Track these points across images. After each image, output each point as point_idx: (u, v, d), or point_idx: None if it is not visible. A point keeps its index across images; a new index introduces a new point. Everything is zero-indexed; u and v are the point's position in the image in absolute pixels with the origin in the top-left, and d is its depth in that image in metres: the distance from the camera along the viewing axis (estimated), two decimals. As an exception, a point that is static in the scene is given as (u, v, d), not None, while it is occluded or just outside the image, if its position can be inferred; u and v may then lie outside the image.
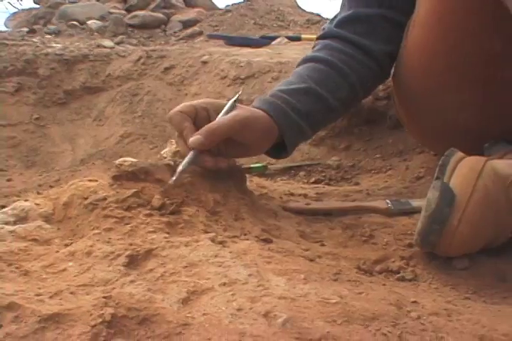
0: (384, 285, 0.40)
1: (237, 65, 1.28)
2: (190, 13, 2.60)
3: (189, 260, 0.38)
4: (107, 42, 1.86)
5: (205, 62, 1.37)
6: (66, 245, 0.44)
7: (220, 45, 1.63)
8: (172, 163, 0.55)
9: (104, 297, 0.32)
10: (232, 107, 0.57)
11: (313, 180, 0.91)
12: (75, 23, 2.42)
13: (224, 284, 0.35)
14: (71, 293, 0.34)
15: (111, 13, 2.56)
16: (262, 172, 0.94)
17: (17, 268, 0.39)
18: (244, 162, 0.96)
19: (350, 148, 1.02)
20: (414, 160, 0.92)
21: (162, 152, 0.64)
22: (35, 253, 0.43)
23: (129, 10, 2.72)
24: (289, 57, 1.30)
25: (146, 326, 0.30)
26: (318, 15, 2.85)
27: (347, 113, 0.88)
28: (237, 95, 0.59)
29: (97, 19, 2.50)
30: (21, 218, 0.50)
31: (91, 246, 0.40)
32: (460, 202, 0.41)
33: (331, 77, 0.66)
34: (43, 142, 1.40)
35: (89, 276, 0.36)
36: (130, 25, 2.45)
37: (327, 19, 2.72)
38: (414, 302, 0.36)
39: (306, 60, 0.71)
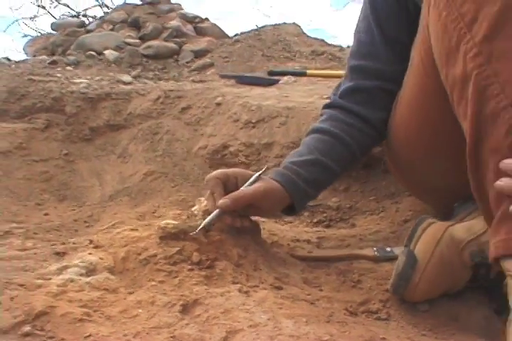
0: (363, 324, 0.57)
1: (249, 108, 1.46)
2: (201, 43, 2.80)
3: (224, 307, 0.55)
4: (126, 78, 2.05)
5: (218, 104, 1.55)
6: (130, 293, 0.62)
7: (232, 84, 1.81)
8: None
9: (171, 337, 0.49)
10: (257, 179, 0.74)
11: (316, 220, 1.08)
12: (92, 53, 2.62)
13: (250, 326, 0.52)
14: (147, 333, 0.51)
15: (126, 43, 2.77)
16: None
17: (101, 313, 0.56)
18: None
19: (348, 190, 1.19)
20: (403, 203, 1.09)
21: (193, 209, 0.81)
22: (108, 301, 0.60)
23: (142, 38, 2.92)
24: (295, 101, 1.48)
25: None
26: (323, 41, 3.04)
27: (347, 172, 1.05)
28: (262, 171, 0.77)
29: (113, 49, 2.70)
30: (91, 270, 0.68)
31: (153, 296, 0.58)
32: (420, 266, 0.58)
33: (335, 147, 0.83)
34: (73, 177, 1.59)
35: (156, 320, 0.53)
36: (145, 56, 2.65)
37: (331, 45, 2.92)
38: (383, 338, 0.53)
39: (314, 131, 0.87)
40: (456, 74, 0.53)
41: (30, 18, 5.35)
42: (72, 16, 4.48)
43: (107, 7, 4.87)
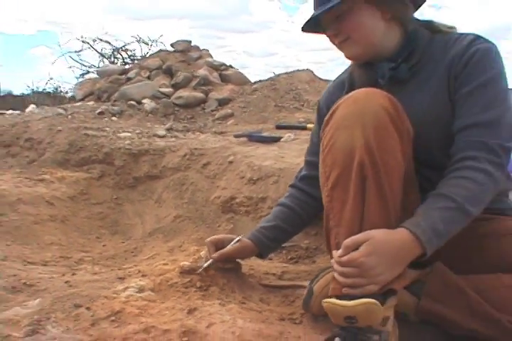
0: (284, 325, 1.13)
1: (252, 168, 2.05)
2: (225, 91, 3.42)
3: (209, 312, 1.13)
4: (160, 131, 2.69)
5: (231, 162, 2.14)
6: (162, 303, 1.20)
7: (244, 142, 2.40)
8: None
9: (181, 324, 1.07)
10: (238, 241, 1.32)
11: (289, 257, 1.65)
12: (132, 102, 3.29)
13: (221, 321, 1.10)
14: (169, 322, 1.10)
15: (161, 92, 3.42)
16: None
17: (147, 312, 1.15)
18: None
19: (317, 234, 1.75)
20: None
21: (201, 253, 1.39)
22: (150, 306, 1.18)
23: (174, 86, 3.58)
24: (288, 162, 2.05)
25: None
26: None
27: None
28: (238, 238, 1.34)
29: (150, 98, 3.36)
30: (141, 289, 1.27)
31: (174, 305, 1.16)
32: (315, 296, 1.14)
33: (290, 216, 1.38)
34: (121, 216, 2.22)
35: (174, 317, 1.12)
36: (176, 105, 3.30)
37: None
38: (289, 332, 1.09)
39: (279, 205, 1.43)
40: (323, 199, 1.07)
41: (76, 52, 6.20)
42: (112, 62, 5.25)
43: (144, 43, 5.62)
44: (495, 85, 1.01)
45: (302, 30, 1.20)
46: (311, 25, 1.16)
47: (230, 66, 3.90)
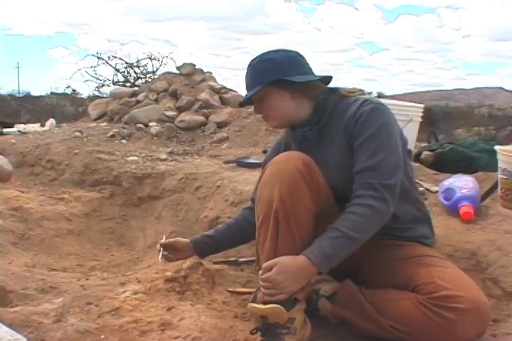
0: (236, 322, 1.61)
1: (235, 192, 2.52)
2: (223, 114, 3.90)
3: (182, 310, 1.62)
4: (163, 155, 3.19)
5: (218, 186, 2.62)
6: (150, 302, 1.69)
7: (233, 167, 2.88)
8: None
9: (161, 318, 1.57)
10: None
11: (257, 268, 2.12)
12: (140, 126, 3.80)
13: (190, 316, 1.58)
14: (154, 316, 1.59)
15: (166, 115, 3.93)
16: (235, 263, 2.16)
17: (139, 309, 1.64)
18: (226, 257, 2.18)
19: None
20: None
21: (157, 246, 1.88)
22: (143, 304, 1.67)
23: (179, 109, 4.08)
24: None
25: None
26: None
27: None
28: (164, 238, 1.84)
29: (156, 121, 3.86)
30: (135, 292, 1.76)
31: (158, 304, 1.66)
32: (258, 301, 1.61)
33: (228, 231, 1.84)
34: (127, 230, 2.72)
35: (158, 312, 1.61)
36: (179, 127, 3.79)
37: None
38: (237, 326, 1.57)
39: (226, 222, 1.91)
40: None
41: (92, 67, 6.79)
42: (125, 76, 5.80)
43: (156, 60, 6.17)
44: (378, 137, 1.40)
45: (240, 105, 1.69)
46: (248, 102, 1.62)
47: (231, 89, 4.39)
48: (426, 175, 2.56)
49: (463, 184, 2.10)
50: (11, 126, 5.28)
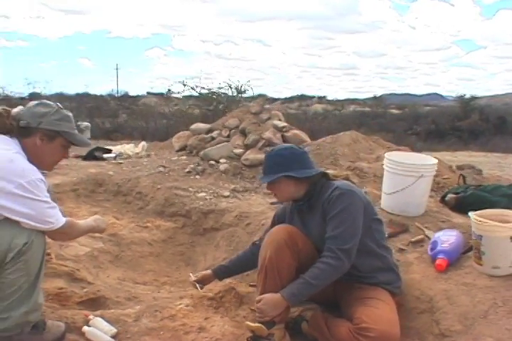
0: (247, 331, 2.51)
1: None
2: (282, 153, 4.78)
3: (215, 320, 2.54)
4: (226, 193, 4.14)
5: (262, 224, 3.51)
6: (195, 313, 2.63)
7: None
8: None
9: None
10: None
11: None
12: (212, 162, 4.79)
13: (218, 325, 2.50)
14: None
15: (234, 153, 4.89)
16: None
17: (187, 318, 2.60)
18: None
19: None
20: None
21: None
22: (188, 314, 2.62)
23: (246, 146, 5.03)
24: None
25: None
26: (378, 140, 4.81)
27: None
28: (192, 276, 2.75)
29: (226, 158, 4.84)
30: (187, 305, 2.71)
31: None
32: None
33: (239, 263, 2.72)
34: (193, 254, 3.70)
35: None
36: (243, 165, 4.73)
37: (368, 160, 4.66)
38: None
39: (239, 254, 2.79)
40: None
41: (178, 93, 8.01)
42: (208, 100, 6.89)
43: (236, 89, 7.25)
44: (340, 215, 2.18)
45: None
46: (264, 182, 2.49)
47: (292, 128, 5.25)
48: (433, 221, 3.25)
49: (446, 238, 2.75)
50: (110, 151, 6.57)
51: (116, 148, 7.35)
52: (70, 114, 2.03)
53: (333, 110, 44.67)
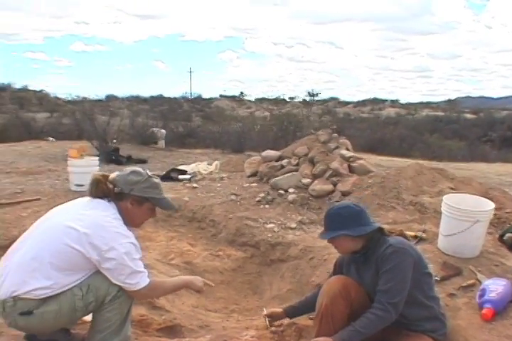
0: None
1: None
2: (348, 184, 5.10)
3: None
4: (293, 224, 4.54)
5: (325, 260, 3.88)
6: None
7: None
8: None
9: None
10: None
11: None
12: (281, 192, 5.21)
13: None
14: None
15: (302, 183, 5.28)
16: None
17: None
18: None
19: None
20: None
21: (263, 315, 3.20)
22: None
23: (314, 175, 5.41)
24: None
25: None
26: (441, 171, 5.03)
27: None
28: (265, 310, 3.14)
29: (294, 188, 5.24)
30: (251, 336, 3.14)
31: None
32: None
33: (306, 304, 3.10)
34: (260, 283, 4.14)
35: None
36: (311, 195, 5.11)
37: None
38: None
39: (307, 296, 3.17)
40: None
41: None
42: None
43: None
44: (391, 272, 2.53)
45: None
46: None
47: (359, 158, 5.56)
48: (487, 265, 3.48)
49: (495, 288, 2.98)
50: (185, 172, 7.17)
51: (191, 167, 7.97)
52: (158, 181, 2.51)
53: (406, 114, 44.07)
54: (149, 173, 2.49)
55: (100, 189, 2.38)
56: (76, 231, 2.17)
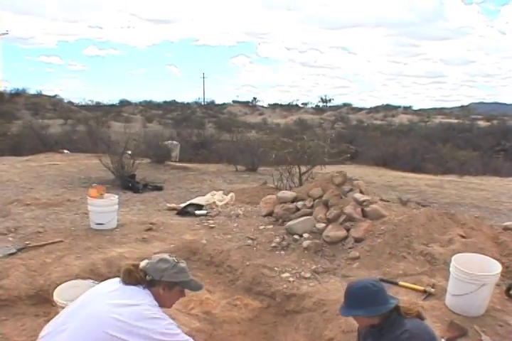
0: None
1: (347, 323, 4.07)
2: (360, 230, 5.40)
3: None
4: (307, 274, 4.86)
5: (338, 314, 4.19)
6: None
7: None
8: None
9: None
10: None
11: None
12: (296, 237, 5.53)
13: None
14: None
15: (316, 228, 5.60)
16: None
17: None
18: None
19: None
20: None
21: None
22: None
23: (328, 219, 5.73)
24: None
25: None
26: (451, 217, 5.33)
27: None
28: None
29: (309, 233, 5.56)
30: None
31: None
32: None
33: None
34: (275, 333, 4.48)
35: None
36: (324, 241, 5.42)
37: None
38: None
39: None
40: None
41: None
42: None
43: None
44: None
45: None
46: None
47: (372, 202, 5.86)
48: (491, 324, 3.77)
49: None
50: (201, 208, 7.54)
51: (206, 198, 8.33)
52: (184, 265, 2.85)
53: (419, 121, 44.36)
54: (175, 259, 2.82)
55: (133, 278, 2.72)
56: (121, 323, 2.48)
